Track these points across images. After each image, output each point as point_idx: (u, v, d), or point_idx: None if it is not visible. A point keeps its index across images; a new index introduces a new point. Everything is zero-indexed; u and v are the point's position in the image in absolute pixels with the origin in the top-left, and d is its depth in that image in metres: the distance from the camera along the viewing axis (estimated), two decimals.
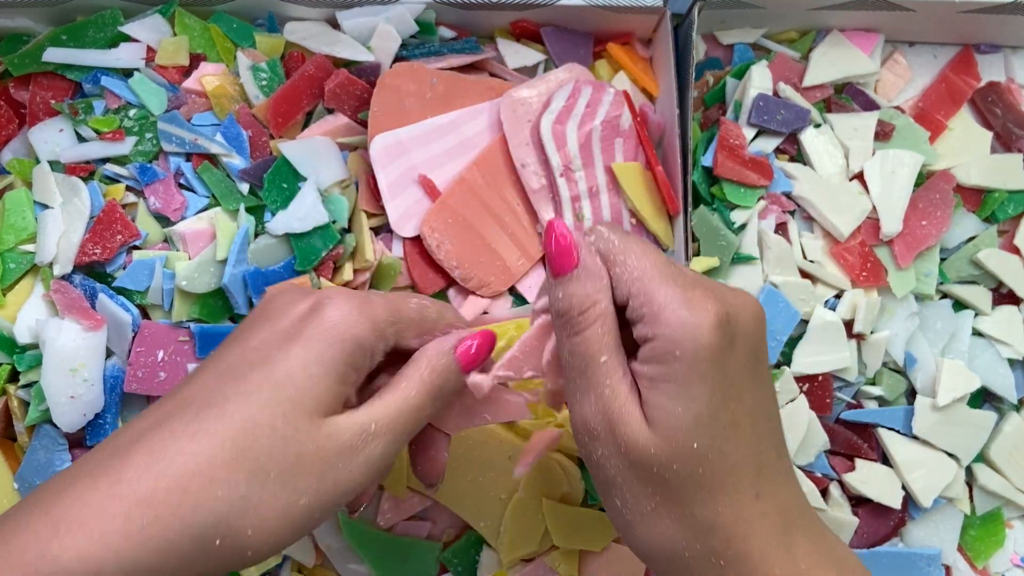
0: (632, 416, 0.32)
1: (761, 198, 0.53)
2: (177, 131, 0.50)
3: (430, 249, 0.49)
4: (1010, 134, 0.56)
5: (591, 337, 0.32)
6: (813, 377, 0.51)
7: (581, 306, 0.33)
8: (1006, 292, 0.54)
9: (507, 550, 0.49)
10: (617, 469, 0.32)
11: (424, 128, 0.47)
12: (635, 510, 0.33)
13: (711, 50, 0.57)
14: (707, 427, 0.31)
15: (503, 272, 0.51)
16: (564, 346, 0.33)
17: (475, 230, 0.50)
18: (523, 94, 0.52)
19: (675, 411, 0.31)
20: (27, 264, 0.49)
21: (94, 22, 0.51)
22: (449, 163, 0.49)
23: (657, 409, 0.31)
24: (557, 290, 0.33)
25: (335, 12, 0.52)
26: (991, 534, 0.53)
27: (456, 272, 0.50)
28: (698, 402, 0.31)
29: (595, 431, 0.32)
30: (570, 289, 0.33)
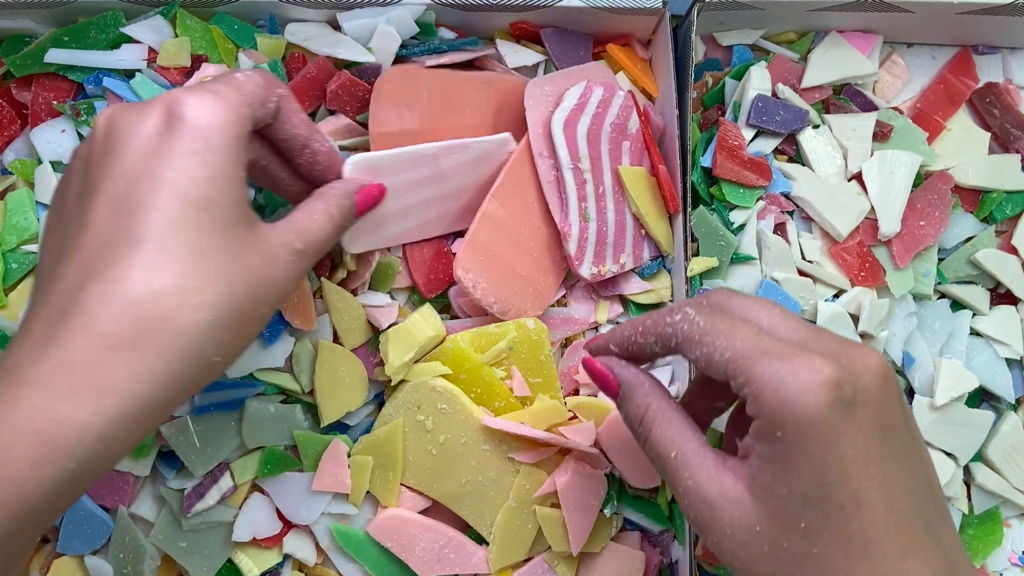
0: (726, 497, 0.31)
1: (760, 198, 0.53)
2: None
3: (467, 290, 0.49)
4: (1008, 135, 0.56)
5: (656, 439, 0.34)
6: None
7: (637, 417, 0.35)
8: (1004, 292, 0.55)
9: (496, 559, 0.49)
10: (732, 555, 0.31)
11: (401, 156, 0.46)
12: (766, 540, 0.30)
13: (710, 51, 0.57)
14: (818, 506, 0.29)
15: (536, 296, 0.51)
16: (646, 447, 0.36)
17: (504, 262, 0.50)
18: (546, 85, 0.52)
19: (779, 492, 0.30)
20: (29, 264, 0.49)
21: (96, 23, 0.51)
22: (417, 192, 0.48)
23: (763, 489, 0.30)
24: (623, 404, 0.37)
25: (336, 13, 0.53)
26: (989, 533, 0.53)
27: (495, 307, 0.49)
28: (804, 481, 0.29)
29: (700, 521, 0.32)
30: (624, 408, 0.36)
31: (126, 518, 0.48)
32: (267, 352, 0.48)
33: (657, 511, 0.51)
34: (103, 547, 0.49)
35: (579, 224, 0.51)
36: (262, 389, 0.48)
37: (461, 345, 0.49)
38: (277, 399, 0.49)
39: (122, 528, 0.48)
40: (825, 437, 0.29)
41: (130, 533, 0.48)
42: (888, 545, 0.29)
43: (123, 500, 0.48)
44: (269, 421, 0.48)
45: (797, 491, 0.29)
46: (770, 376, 0.30)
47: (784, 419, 0.29)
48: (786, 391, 0.29)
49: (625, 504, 0.51)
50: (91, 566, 0.48)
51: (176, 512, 0.48)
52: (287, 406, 0.48)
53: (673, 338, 0.34)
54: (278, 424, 0.48)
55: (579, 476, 0.49)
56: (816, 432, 0.29)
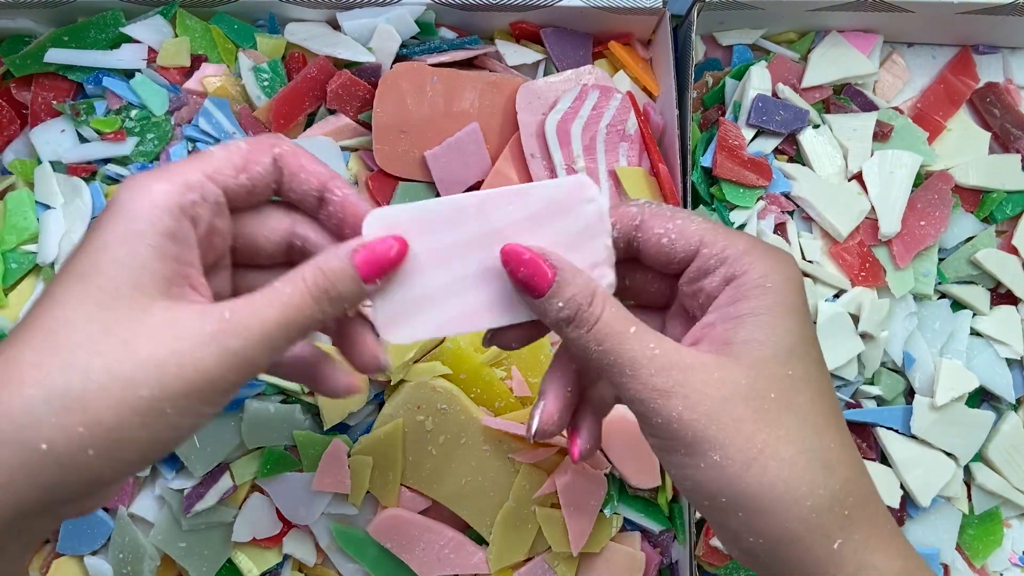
0: (704, 359, 0.31)
1: (760, 198, 0.53)
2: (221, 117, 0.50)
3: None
4: (1008, 134, 0.56)
5: (612, 316, 0.31)
6: None
7: (586, 298, 0.31)
8: (1004, 292, 0.55)
9: (496, 559, 0.49)
10: (707, 418, 0.30)
11: (439, 208, 0.33)
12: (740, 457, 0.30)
13: (710, 51, 0.57)
14: (800, 358, 0.31)
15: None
16: (589, 342, 0.31)
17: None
18: (539, 86, 0.52)
19: (768, 340, 0.31)
20: (29, 264, 0.49)
21: (95, 23, 0.51)
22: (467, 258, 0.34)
23: (747, 343, 0.31)
24: (553, 303, 0.31)
25: (336, 13, 0.53)
26: (989, 533, 0.53)
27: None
28: (791, 332, 0.31)
29: (666, 389, 0.30)
30: (566, 293, 0.31)
31: (126, 518, 0.48)
32: None
33: (657, 511, 0.51)
34: (103, 547, 0.49)
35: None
36: (262, 389, 0.48)
37: (461, 345, 0.49)
38: (277, 399, 0.49)
39: (122, 528, 0.48)
40: (803, 300, 0.32)
41: (130, 533, 0.48)
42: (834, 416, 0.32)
43: (123, 500, 0.48)
44: (269, 421, 0.48)
45: (785, 341, 0.31)
46: (753, 241, 0.32)
47: (774, 272, 0.31)
48: (774, 253, 0.32)
49: (625, 504, 0.51)
50: (91, 566, 0.48)
51: (176, 512, 0.48)
52: (287, 406, 0.48)
53: (639, 215, 0.33)
54: (278, 424, 0.48)
55: (579, 476, 0.49)
56: (798, 288, 0.32)
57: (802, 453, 0.30)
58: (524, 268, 0.32)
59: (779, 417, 0.30)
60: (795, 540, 0.30)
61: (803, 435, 0.30)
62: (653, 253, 0.33)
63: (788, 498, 0.30)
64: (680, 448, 0.31)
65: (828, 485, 0.30)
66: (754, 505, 0.30)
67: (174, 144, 0.51)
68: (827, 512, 0.30)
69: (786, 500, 0.30)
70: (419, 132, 0.51)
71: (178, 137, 0.51)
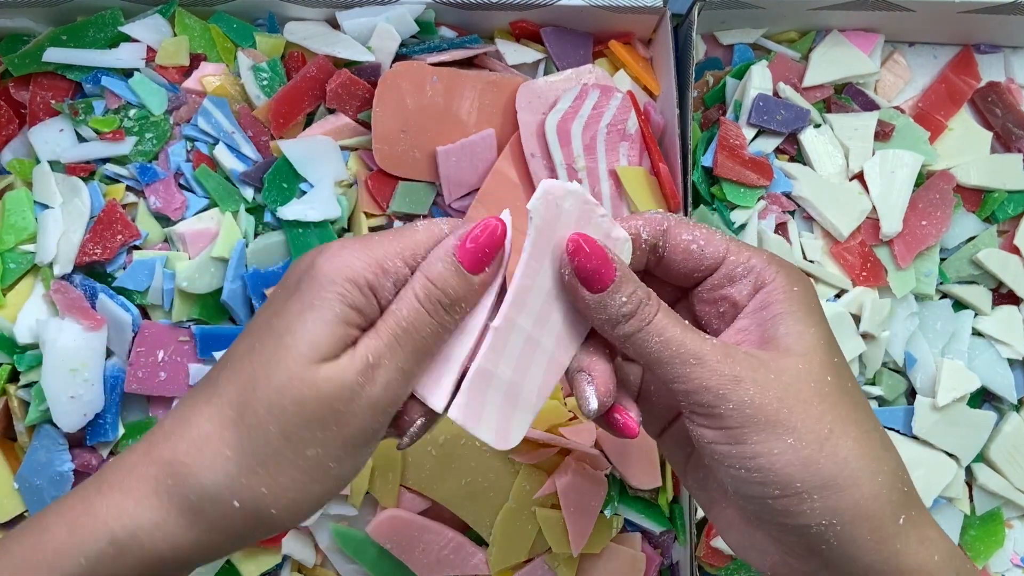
0: (754, 353, 0.32)
1: (761, 198, 0.53)
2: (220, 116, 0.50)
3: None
4: (1010, 134, 0.56)
5: (667, 311, 0.32)
6: None
7: (645, 292, 0.32)
8: (1006, 292, 0.54)
9: (496, 560, 0.49)
10: (779, 400, 0.31)
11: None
12: (813, 438, 0.30)
13: (711, 50, 0.57)
14: (837, 349, 0.33)
15: None
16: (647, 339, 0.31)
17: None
18: (539, 85, 0.52)
19: (807, 331, 0.32)
20: (27, 264, 0.49)
21: (94, 22, 0.51)
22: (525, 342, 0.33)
23: (791, 336, 0.32)
24: (616, 298, 0.31)
25: (335, 12, 0.52)
26: (991, 534, 0.53)
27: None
28: (824, 327, 0.33)
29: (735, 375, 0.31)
30: (627, 289, 0.32)
31: None
32: None
33: (658, 512, 0.51)
34: None
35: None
36: None
37: None
38: None
39: None
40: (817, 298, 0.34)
41: None
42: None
43: None
44: None
45: (821, 333, 0.32)
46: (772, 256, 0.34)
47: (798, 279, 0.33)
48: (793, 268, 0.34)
49: (625, 505, 0.51)
50: None
51: None
52: None
53: (665, 221, 0.34)
54: None
55: (579, 477, 0.48)
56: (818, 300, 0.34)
57: (865, 433, 0.31)
58: (593, 260, 0.31)
59: (839, 399, 0.31)
60: (869, 517, 0.31)
61: (860, 416, 0.32)
62: (680, 259, 0.34)
63: (862, 475, 0.31)
64: (751, 436, 0.31)
65: (889, 463, 0.32)
66: (832, 484, 0.30)
67: (173, 143, 0.51)
68: (892, 487, 0.31)
69: (860, 478, 0.30)
70: (419, 131, 0.51)
71: (177, 136, 0.51)
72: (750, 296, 0.33)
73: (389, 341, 0.31)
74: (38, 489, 0.47)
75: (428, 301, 0.31)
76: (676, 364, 0.31)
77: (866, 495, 0.30)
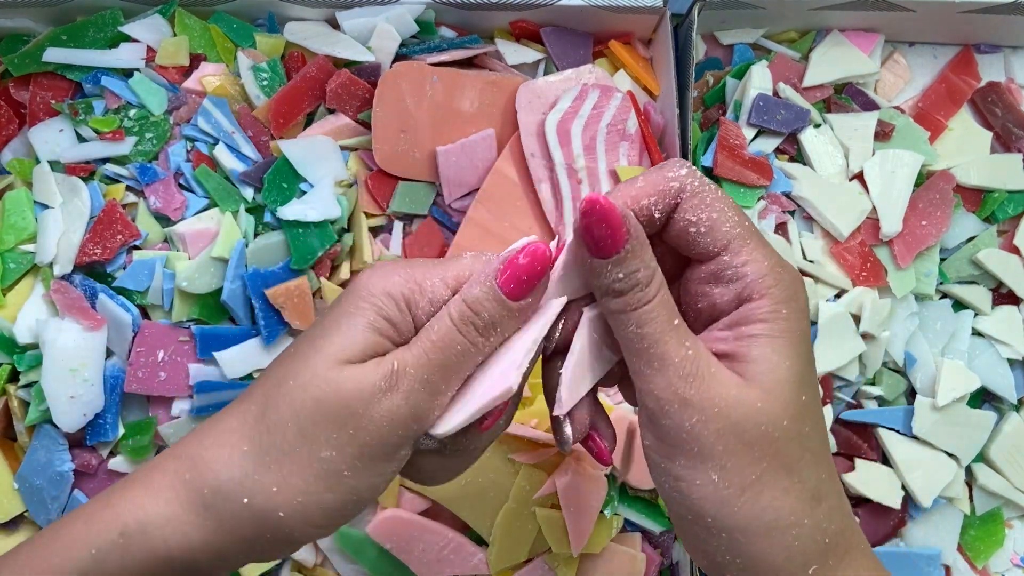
0: (724, 374, 0.30)
1: (761, 198, 0.53)
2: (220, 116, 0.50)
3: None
4: (1010, 134, 0.56)
5: (661, 302, 0.30)
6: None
7: (647, 276, 0.30)
8: (1006, 292, 0.54)
9: (496, 560, 0.49)
10: (716, 435, 0.29)
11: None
12: (737, 481, 0.29)
13: (711, 50, 0.57)
14: (809, 385, 0.31)
15: None
16: (628, 321, 0.30)
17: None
18: (539, 85, 0.52)
19: (782, 364, 0.30)
20: (27, 264, 0.49)
21: (94, 22, 0.51)
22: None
23: (762, 364, 0.30)
24: (615, 271, 0.30)
25: (335, 12, 0.52)
26: (991, 534, 0.53)
27: None
28: (802, 358, 0.30)
29: (686, 396, 0.29)
30: (632, 266, 0.30)
31: None
32: (266, 352, 0.48)
33: (658, 512, 0.51)
34: None
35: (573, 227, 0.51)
36: None
37: None
38: None
39: None
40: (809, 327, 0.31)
41: None
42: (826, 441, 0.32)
43: None
44: None
45: (797, 366, 0.30)
46: (774, 259, 0.31)
47: (791, 298, 0.31)
48: (789, 277, 0.31)
49: (626, 505, 0.51)
50: None
51: None
52: None
53: (680, 193, 0.31)
54: None
55: (579, 477, 0.48)
56: (807, 318, 0.31)
57: (797, 483, 0.30)
58: (606, 224, 0.29)
59: (785, 446, 0.30)
60: (773, 568, 0.30)
61: (801, 465, 0.30)
62: (676, 234, 0.32)
63: (775, 528, 0.30)
64: (680, 459, 0.30)
65: (814, 515, 0.30)
66: (740, 530, 0.30)
67: (173, 143, 0.51)
68: (808, 540, 0.30)
69: (772, 530, 0.30)
70: (419, 131, 0.51)
71: (177, 136, 0.51)
72: (732, 305, 0.31)
73: (417, 353, 0.31)
74: (38, 489, 0.47)
75: (462, 321, 0.31)
76: (640, 359, 0.30)
77: (775, 546, 0.30)
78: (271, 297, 0.48)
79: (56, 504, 0.47)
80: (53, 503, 0.47)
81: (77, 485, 0.48)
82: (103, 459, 0.48)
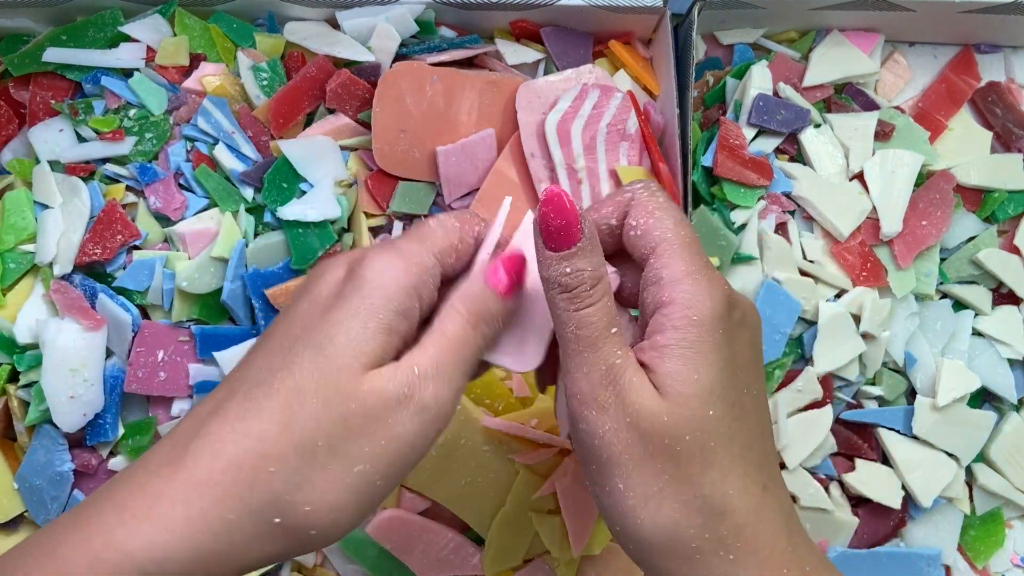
0: (643, 385, 0.30)
1: (761, 198, 0.53)
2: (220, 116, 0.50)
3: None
4: (1010, 134, 0.56)
5: (602, 308, 0.31)
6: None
7: (592, 279, 0.31)
8: (1006, 292, 0.54)
9: (491, 564, 0.49)
10: (624, 444, 0.30)
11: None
12: (640, 492, 0.31)
13: (711, 50, 0.57)
14: (720, 398, 0.31)
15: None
16: (568, 320, 0.31)
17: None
18: (539, 85, 0.52)
19: (690, 377, 0.30)
20: (27, 264, 0.49)
21: (94, 22, 0.51)
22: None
23: (670, 376, 0.30)
24: (562, 264, 0.31)
25: (335, 12, 0.52)
26: (991, 534, 0.53)
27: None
28: (713, 369, 0.30)
29: (604, 403, 0.31)
30: (580, 264, 0.31)
31: None
32: None
33: None
34: None
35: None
36: None
37: None
38: None
39: None
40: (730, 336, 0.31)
41: None
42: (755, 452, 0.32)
43: None
44: None
45: (706, 379, 0.30)
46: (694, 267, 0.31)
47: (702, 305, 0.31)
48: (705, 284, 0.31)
49: None
50: None
51: None
52: None
53: (631, 203, 0.33)
54: None
55: (579, 478, 0.48)
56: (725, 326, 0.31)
57: (697, 498, 0.31)
58: (562, 219, 0.31)
59: (689, 459, 0.30)
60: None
61: (704, 479, 0.31)
62: (626, 242, 0.33)
63: (675, 539, 0.31)
64: (591, 463, 0.32)
65: (716, 531, 0.31)
66: (643, 542, 0.31)
67: (173, 143, 0.51)
68: (712, 555, 0.31)
69: (672, 541, 0.31)
70: (419, 131, 0.51)
71: (177, 136, 0.51)
72: (652, 309, 0.32)
73: (435, 353, 0.31)
74: (38, 489, 0.47)
75: (472, 316, 0.32)
76: (571, 359, 0.31)
77: (676, 557, 0.31)
78: (271, 297, 0.48)
79: (56, 504, 0.47)
80: (53, 503, 0.47)
81: (77, 485, 0.48)
82: (103, 459, 0.48)
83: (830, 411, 0.51)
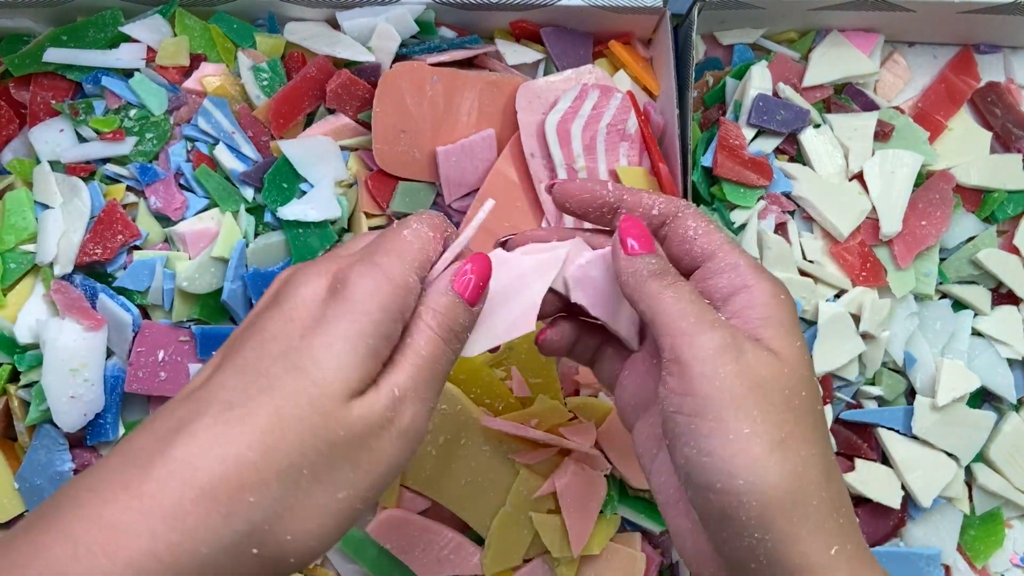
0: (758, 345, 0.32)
1: (761, 198, 0.53)
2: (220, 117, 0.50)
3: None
4: (1009, 134, 0.56)
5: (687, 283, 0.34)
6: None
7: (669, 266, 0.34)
8: (1005, 292, 0.54)
9: (491, 564, 0.49)
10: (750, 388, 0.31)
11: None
12: (768, 439, 0.30)
13: (711, 50, 0.57)
14: (811, 368, 0.33)
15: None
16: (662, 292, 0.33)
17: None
18: (539, 85, 0.52)
19: (793, 343, 0.32)
20: (28, 264, 0.49)
21: (94, 22, 0.51)
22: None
23: (777, 340, 0.32)
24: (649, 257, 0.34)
25: (335, 12, 0.52)
26: (990, 534, 0.53)
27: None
28: (804, 343, 0.33)
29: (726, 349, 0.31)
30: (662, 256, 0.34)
31: None
32: None
33: (658, 512, 0.51)
34: None
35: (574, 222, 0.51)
36: None
37: None
38: None
39: None
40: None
41: None
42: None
43: None
44: None
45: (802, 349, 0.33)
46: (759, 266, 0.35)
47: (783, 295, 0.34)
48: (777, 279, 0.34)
49: (625, 505, 0.51)
50: None
51: None
52: None
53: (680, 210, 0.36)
54: None
55: (579, 477, 0.48)
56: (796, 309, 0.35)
57: (815, 455, 0.31)
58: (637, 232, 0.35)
59: (802, 416, 0.31)
60: (798, 540, 0.30)
61: (816, 437, 0.31)
62: (676, 243, 0.36)
63: (800, 492, 0.30)
64: (712, 411, 0.31)
65: (828, 491, 0.31)
66: (768, 493, 0.30)
67: (173, 143, 0.51)
68: (827, 518, 0.30)
69: (797, 493, 0.30)
70: (419, 132, 0.51)
71: (177, 137, 0.51)
72: (728, 292, 0.34)
73: (411, 372, 0.31)
74: (38, 489, 0.47)
75: (443, 330, 0.32)
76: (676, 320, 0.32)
77: (799, 517, 0.30)
78: None
79: None
80: None
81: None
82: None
83: (830, 411, 0.51)
